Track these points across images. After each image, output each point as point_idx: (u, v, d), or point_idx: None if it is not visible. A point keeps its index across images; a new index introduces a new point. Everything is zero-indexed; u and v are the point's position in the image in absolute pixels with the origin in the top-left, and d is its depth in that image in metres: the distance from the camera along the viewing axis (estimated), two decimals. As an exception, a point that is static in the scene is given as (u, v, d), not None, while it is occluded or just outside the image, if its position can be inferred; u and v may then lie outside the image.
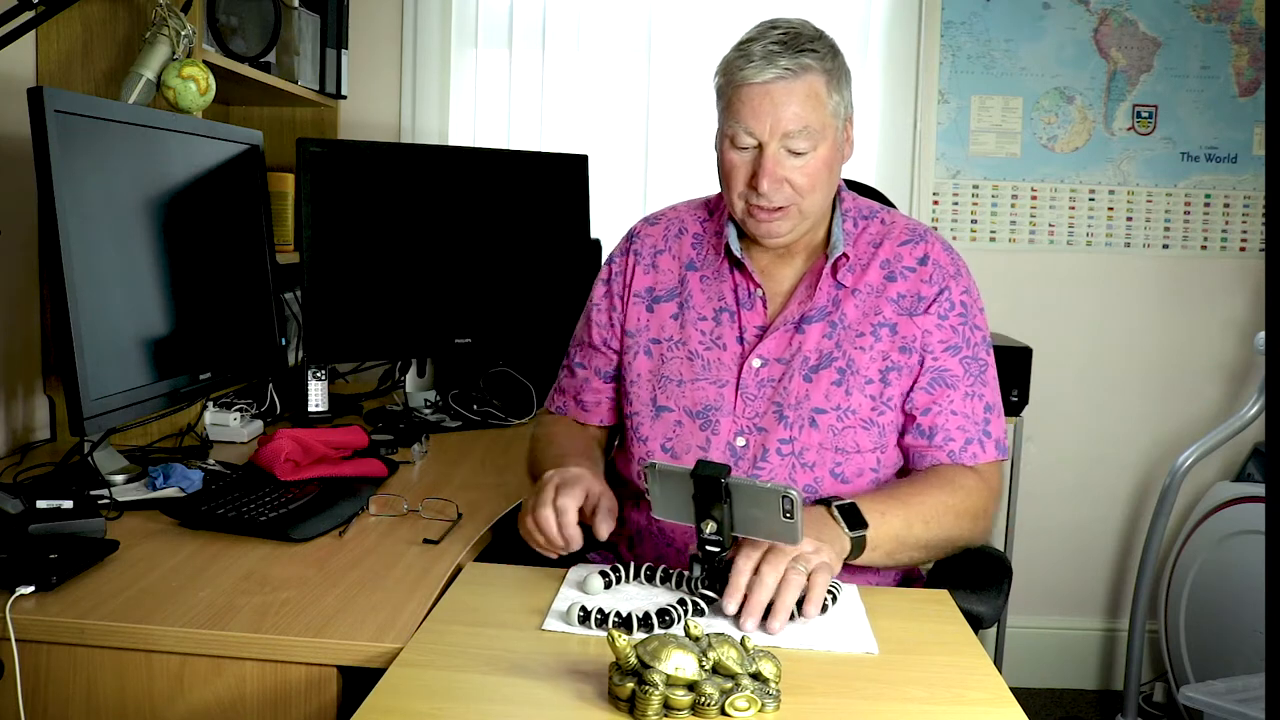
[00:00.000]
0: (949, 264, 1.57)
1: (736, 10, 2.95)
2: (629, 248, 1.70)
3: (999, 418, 1.58)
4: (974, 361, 1.56)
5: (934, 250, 1.58)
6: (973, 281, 1.60)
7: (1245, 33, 3.04)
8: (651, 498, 1.35)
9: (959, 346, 1.55)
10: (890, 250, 1.57)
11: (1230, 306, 3.14)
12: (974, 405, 1.55)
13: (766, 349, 1.56)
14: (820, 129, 1.47)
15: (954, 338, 1.55)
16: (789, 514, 1.26)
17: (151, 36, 1.97)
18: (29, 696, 1.24)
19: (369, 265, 2.34)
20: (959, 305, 1.56)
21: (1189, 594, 2.92)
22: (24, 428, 2.06)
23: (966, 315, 1.56)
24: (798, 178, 1.48)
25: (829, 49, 1.50)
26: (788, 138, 1.46)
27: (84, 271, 1.57)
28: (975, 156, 3.08)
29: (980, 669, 1.20)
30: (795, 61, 1.44)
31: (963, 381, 1.55)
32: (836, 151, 1.52)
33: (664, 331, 1.63)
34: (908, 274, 1.56)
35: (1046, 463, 3.15)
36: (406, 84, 2.98)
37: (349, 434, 1.94)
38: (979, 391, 1.56)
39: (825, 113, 1.47)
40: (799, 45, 1.46)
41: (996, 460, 1.57)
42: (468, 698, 1.09)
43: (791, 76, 1.45)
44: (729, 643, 1.08)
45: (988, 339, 1.60)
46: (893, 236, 1.59)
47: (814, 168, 1.48)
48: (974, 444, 1.55)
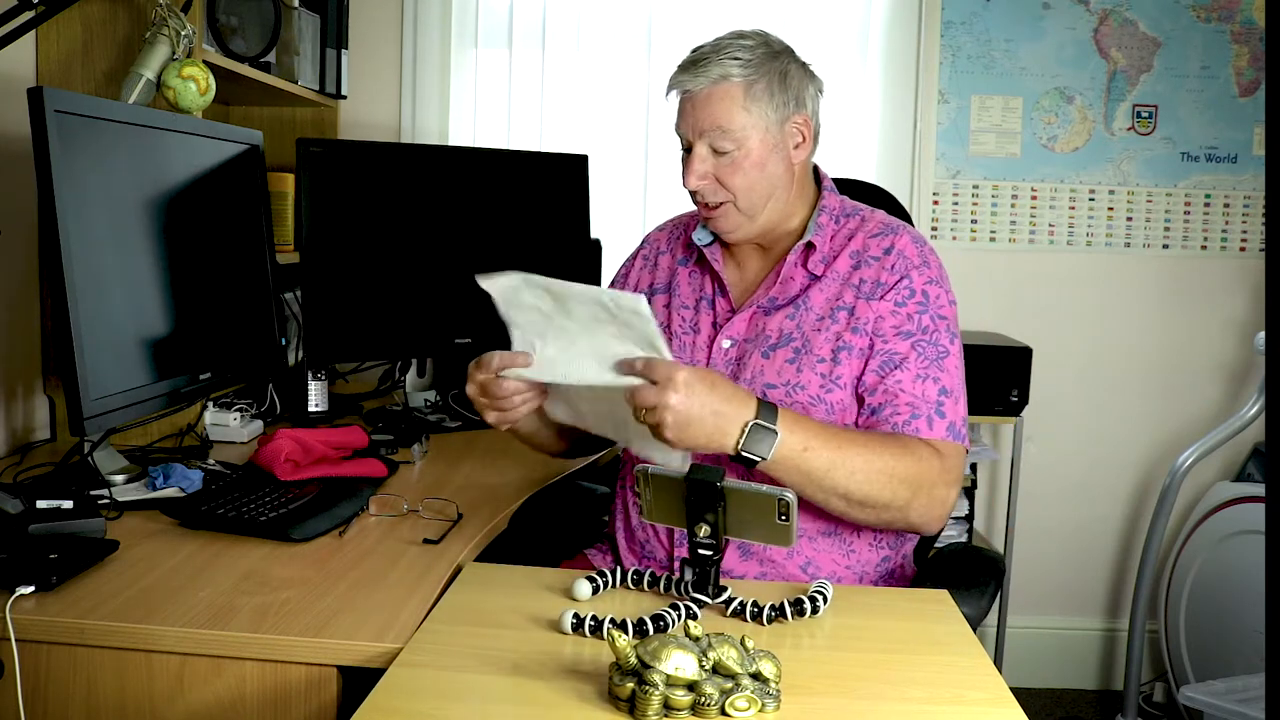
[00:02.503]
0: (915, 255, 1.60)
1: (736, 10, 2.96)
2: (639, 252, 1.84)
3: (957, 405, 1.56)
4: (930, 346, 1.56)
5: (902, 242, 1.61)
6: (943, 275, 1.62)
7: (1245, 33, 3.04)
8: (643, 502, 1.36)
9: (912, 332, 1.56)
10: (861, 241, 1.63)
11: (1230, 306, 3.14)
12: (926, 387, 1.54)
13: (734, 330, 1.64)
14: (740, 130, 1.56)
15: (908, 324, 1.56)
16: (784, 517, 1.26)
17: (151, 36, 1.97)
18: (29, 696, 1.24)
19: (369, 265, 2.34)
20: (919, 293, 1.58)
21: (1189, 594, 2.92)
22: (24, 428, 2.06)
23: (927, 304, 1.57)
24: (726, 177, 1.58)
25: (763, 56, 1.58)
26: (707, 137, 1.57)
27: (84, 271, 1.57)
28: (975, 156, 3.09)
29: (980, 669, 1.20)
30: (714, 69, 1.56)
31: (914, 364, 1.55)
32: (774, 151, 1.59)
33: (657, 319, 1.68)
34: (872, 262, 1.60)
35: (1046, 463, 3.15)
36: (406, 84, 2.99)
37: (349, 434, 1.94)
38: (934, 375, 1.55)
39: (746, 116, 1.56)
40: (719, 55, 1.57)
41: (947, 440, 1.53)
42: (468, 698, 1.09)
43: (709, 83, 1.56)
44: (729, 643, 1.08)
45: (953, 331, 1.59)
46: (866, 229, 1.64)
47: (743, 167, 1.57)
48: (920, 420, 1.53)
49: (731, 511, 1.29)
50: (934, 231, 3.09)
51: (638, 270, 1.81)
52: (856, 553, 1.59)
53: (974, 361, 2.72)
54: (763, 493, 1.26)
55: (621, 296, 1.34)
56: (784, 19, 3.00)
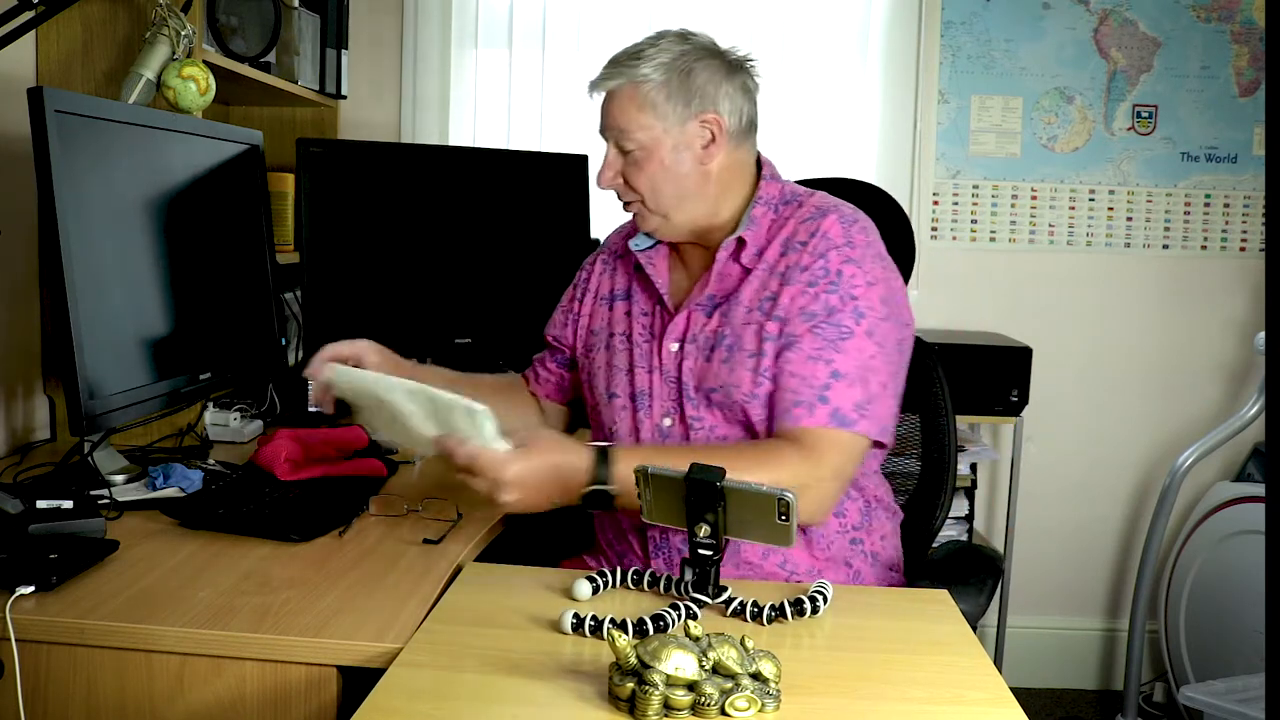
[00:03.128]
0: (839, 235, 1.55)
1: (736, 12, 2.96)
2: (597, 256, 1.84)
3: (851, 390, 1.49)
4: (831, 328, 1.51)
5: (828, 223, 1.56)
6: (869, 255, 1.55)
7: (1245, 33, 3.04)
8: (643, 502, 1.35)
9: (815, 313, 1.52)
10: (792, 228, 1.59)
11: (1230, 306, 3.14)
12: (815, 369, 1.49)
13: (676, 333, 1.63)
14: (640, 131, 1.57)
15: (814, 304, 1.52)
16: (784, 516, 1.26)
17: (151, 36, 1.97)
18: (29, 696, 1.24)
19: (369, 265, 2.34)
20: (833, 273, 1.53)
21: (1189, 594, 2.92)
22: (24, 428, 2.06)
23: (838, 284, 1.52)
24: (630, 175, 1.60)
25: (670, 56, 1.59)
26: (612, 136, 1.61)
27: (84, 271, 1.57)
28: (975, 156, 3.09)
29: (980, 669, 1.20)
30: (616, 69, 1.60)
31: (807, 345, 1.51)
32: (678, 151, 1.58)
33: (617, 326, 1.73)
34: (799, 248, 1.56)
35: (1046, 463, 3.15)
36: (406, 84, 2.99)
37: (349, 433, 1.94)
38: (826, 357, 1.50)
39: (644, 117, 1.57)
40: (629, 55, 1.60)
41: (828, 428, 1.47)
42: (468, 698, 1.09)
43: (610, 86, 1.61)
44: (729, 643, 1.08)
45: (863, 312, 1.52)
46: (800, 214, 1.60)
47: (643, 166, 1.59)
48: (802, 407, 1.48)
49: (731, 511, 1.29)
50: (934, 231, 3.09)
51: (597, 275, 1.79)
52: (827, 540, 1.59)
53: (974, 361, 2.76)
54: (763, 492, 1.26)
55: (457, 402, 1.40)
56: (784, 19, 3.00)
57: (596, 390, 1.72)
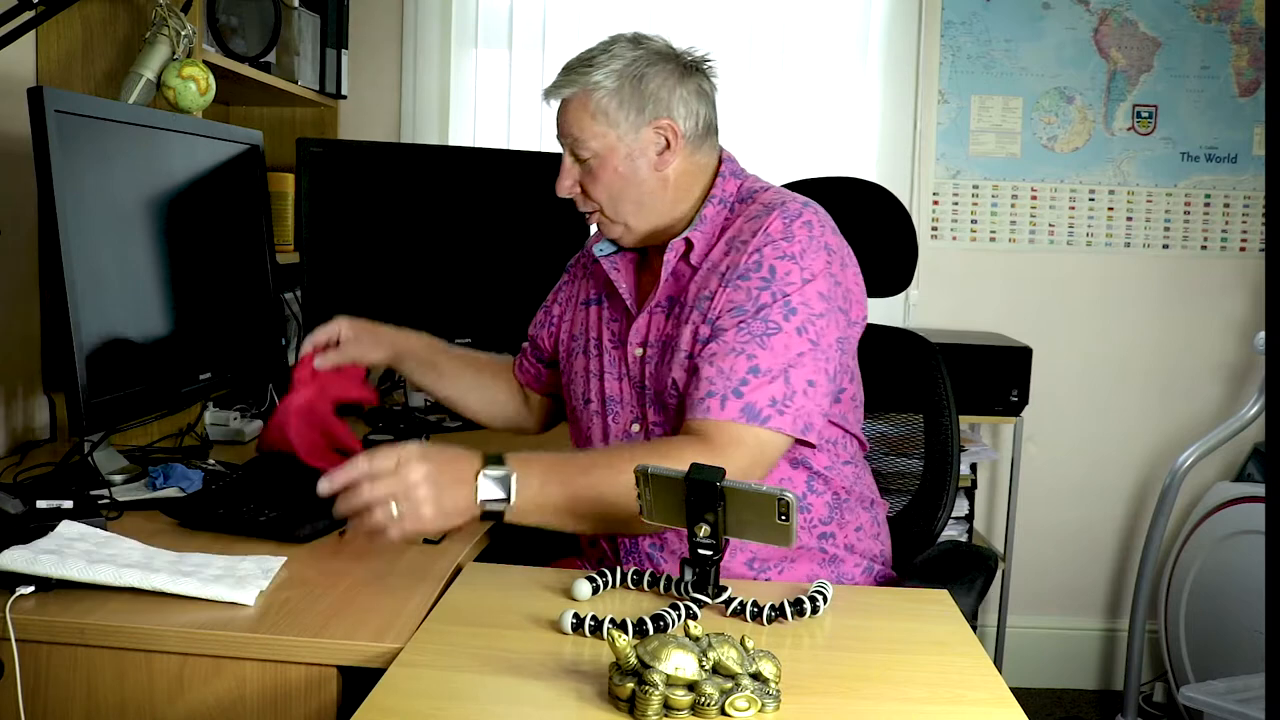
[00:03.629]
0: (779, 231, 1.50)
1: (736, 12, 2.96)
2: (579, 260, 1.82)
3: (770, 386, 1.43)
4: (757, 322, 1.46)
5: (771, 220, 1.51)
6: (809, 251, 1.49)
7: (1245, 33, 3.04)
8: (642, 502, 1.35)
9: (745, 308, 1.47)
10: (738, 226, 1.56)
11: (1230, 306, 3.14)
12: (735, 363, 1.44)
13: (639, 337, 1.61)
14: (592, 139, 1.55)
15: (745, 300, 1.48)
16: (784, 517, 1.26)
17: (151, 36, 1.97)
18: (29, 696, 1.24)
19: (369, 265, 2.34)
20: (765, 268, 1.48)
21: (1189, 594, 2.92)
22: (24, 428, 2.06)
23: (771, 280, 1.48)
24: (586, 184, 1.59)
25: (624, 63, 1.56)
26: (569, 144, 1.58)
27: (84, 271, 1.57)
28: (975, 156, 3.09)
29: (980, 669, 1.20)
30: (567, 78, 1.57)
31: (730, 338, 1.46)
32: (633, 159, 1.56)
33: (592, 331, 1.71)
34: (741, 246, 1.52)
35: (1046, 463, 3.15)
36: (406, 84, 2.99)
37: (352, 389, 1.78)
38: (749, 351, 1.44)
39: (595, 124, 1.55)
40: (581, 63, 1.57)
41: (736, 422, 1.42)
42: (468, 698, 1.09)
43: (564, 94, 1.57)
44: (729, 643, 1.08)
45: (794, 308, 1.47)
46: (748, 213, 1.56)
47: (598, 174, 1.57)
48: (714, 399, 1.43)
49: (731, 511, 1.29)
50: (934, 231, 3.09)
51: (578, 280, 1.78)
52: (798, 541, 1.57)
53: (974, 361, 2.76)
54: (763, 493, 1.26)
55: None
56: (784, 19, 3.00)
57: (575, 395, 1.72)
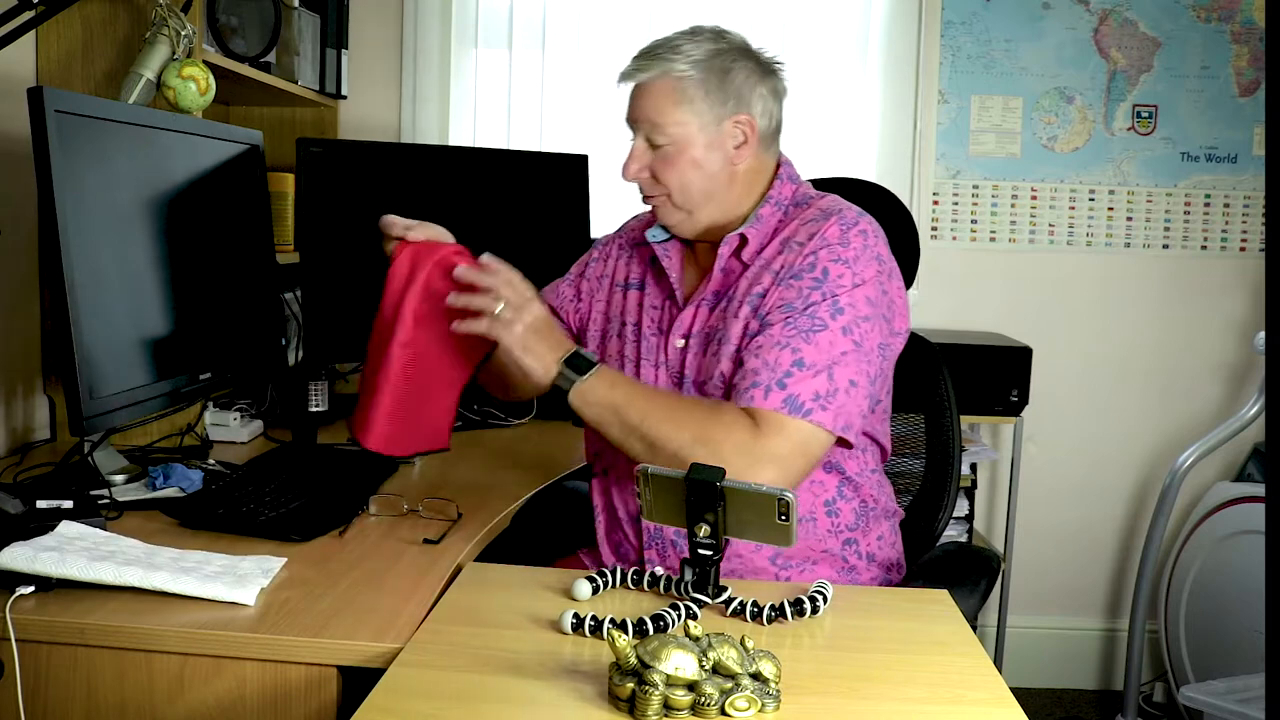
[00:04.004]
0: (835, 237, 1.53)
1: (736, 12, 2.96)
2: (615, 239, 1.83)
3: (813, 380, 1.46)
4: (805, 319, 1.49)
5: (829, 227, 1.54)
6: (862, 258, 1.53)
7: (1245, 33, 3.04)
8: (643, 502, 1.35)
9: (794, 306, 1.50)
10: (794, 228, 1.59)
11: (1230, 306, 3.14)
12: (779, 355, 1.47)
13: (682, 328, 1.63)
14: (673, 125, 1.56)
15: (795, 299, 1.51)
16: (784, 517, 1.26)
17: (151, 36, 1.97)
18: (29, 696, 1.24)
19: (369, 265, 2.33)
20: (819, 269, 1.52)
21: (1189, 594, 2.92)
22: (24, 428, 2.06)
23: (822, 281, 1.51)
24: (659, 169, 1.59)
25: (708, 53, 1.57)
26: (644, 128, 1.59)
27: (84, 271, 1.57)
28: (975, 156, 3.09)
29: (980, 669, 1.20)
30: (654, 63, 1.57)
31: (777, 332, 1.49)
32: (710, 150, 1.58)
33: (629, 315, 1.72)
34: (796, 248, 1.55)
35: (1046, 463, 3.15)
36: (406, 84, 2.99)
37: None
38: (795, 346, 1.47)
39: (680, 111, 1.56)
40: (669, 48, 1.57)
41: (778, 412, 1.44)
42: (468, 698, 1.09)
43: (648, 77, 1.58)
44: (729, 643, 1.08)
45: (841, 309, 1.50)
46: (805, 216, 1.59)
47: (674, 161, 1.58)
48: (758, 389, 1.46)
49: (731, 511, 1.29)
50: (934, 231, 3.09)
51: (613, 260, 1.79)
52: (818, 539, 1.59)
53: (974, 361, 2.76)
54: (763, 493, 1.26)
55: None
56: (784, 19, 3.00)
57: None
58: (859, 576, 1.63)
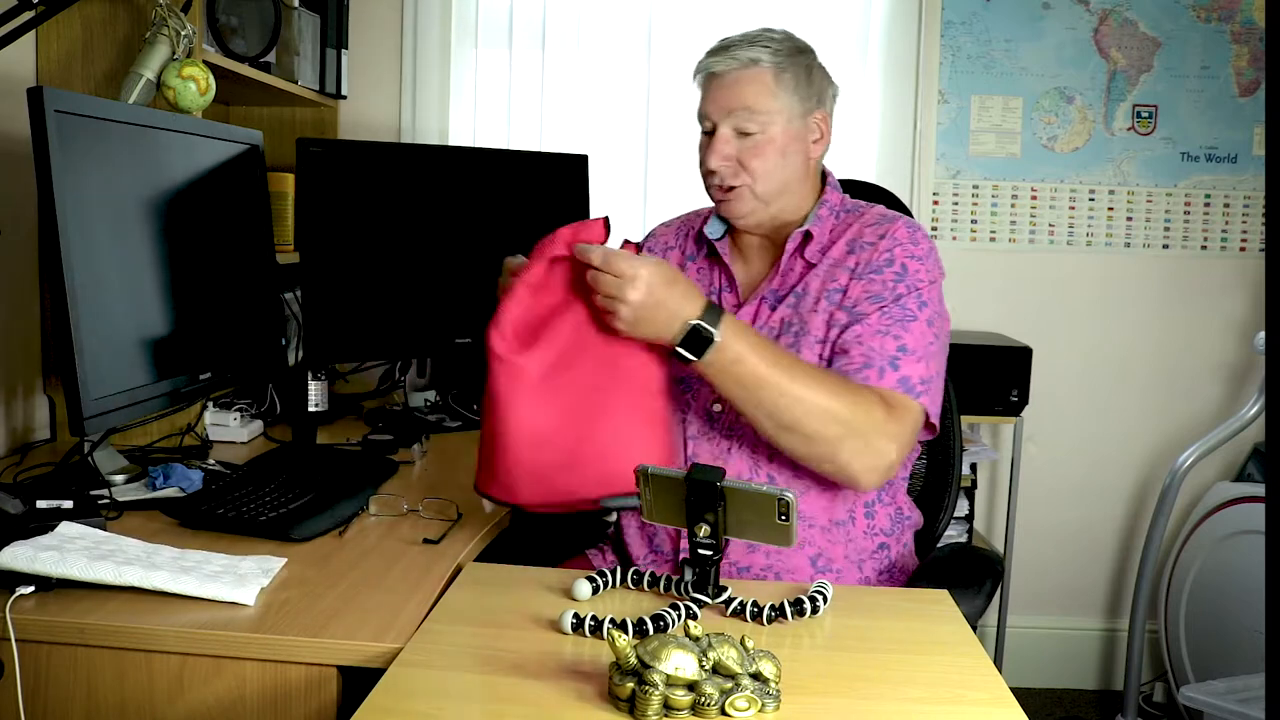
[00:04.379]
0: (905, 236, 1.62)
1: (736, 11, 2.96)
2: (643, 246, 1.84)
3: (918, 365, 1.54)
4: (898, 308, 1.56)
5: (897, 228, 1.63)
6: (931, 256, 1.63)
7: (1245, 33, 3.04)
8: (643, 502, 1.36)
9: (883, 297, 1.57)
10: (858, 230, 1.66)
11: (1230, 306, 3.14)
12: (884, 342, 1.54)
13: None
14: (767, 114, 1.60)
15: (882, 290, 1.58)
16: (784, 517, 1.26)
17: (151, 36, 1.97)
18: (29, 696, 1.24)
19: (369, 265, 2.34)
20: (898, 264, 1.59)
21: (1189, 594, 2.92)
22: (24, 428, 2.06)
23: (904, 275, 1.59)
24: (746, 157, 1.61)
25: (790, 50, 1.63)
26: (734, 118, 1.60)
27: (84, 271, 1.57)
28: (975, 156, 3.09)
29: (980, 669, 1.20)
30: (745, 53, 1.60)
31: (875, 320, 1.56)
32: (795, 141, 1.63)
33: None
34: (866, 246, 1.63)
35: (1046, 463, 3.15)
36: (406, 84, 2.98)
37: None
38: (895, 333, 1.55)
39: (774, 102, 1.60)
40: (753, 41, 1.62)
41: (897, 392, 1.52)
42: (468, 698, 1.09)
43: (739, 66, 1.61)
44: (729, 643, 1.08)
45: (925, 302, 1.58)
46: (865, 220, 1.67)
47: (764, 151, 1.61)
48: (872, 370, 1.52)
49: (731, 511, 1.29)
50: (934, 231, 3.09)
51: (660, 252, 1.81)
52: (853, 541, 1.60)
53: (974, 361, 2.76)
54: (763, 492, 1.26)
55: None
56: (784, 20, 2.99)
57: None
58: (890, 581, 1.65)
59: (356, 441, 2.19)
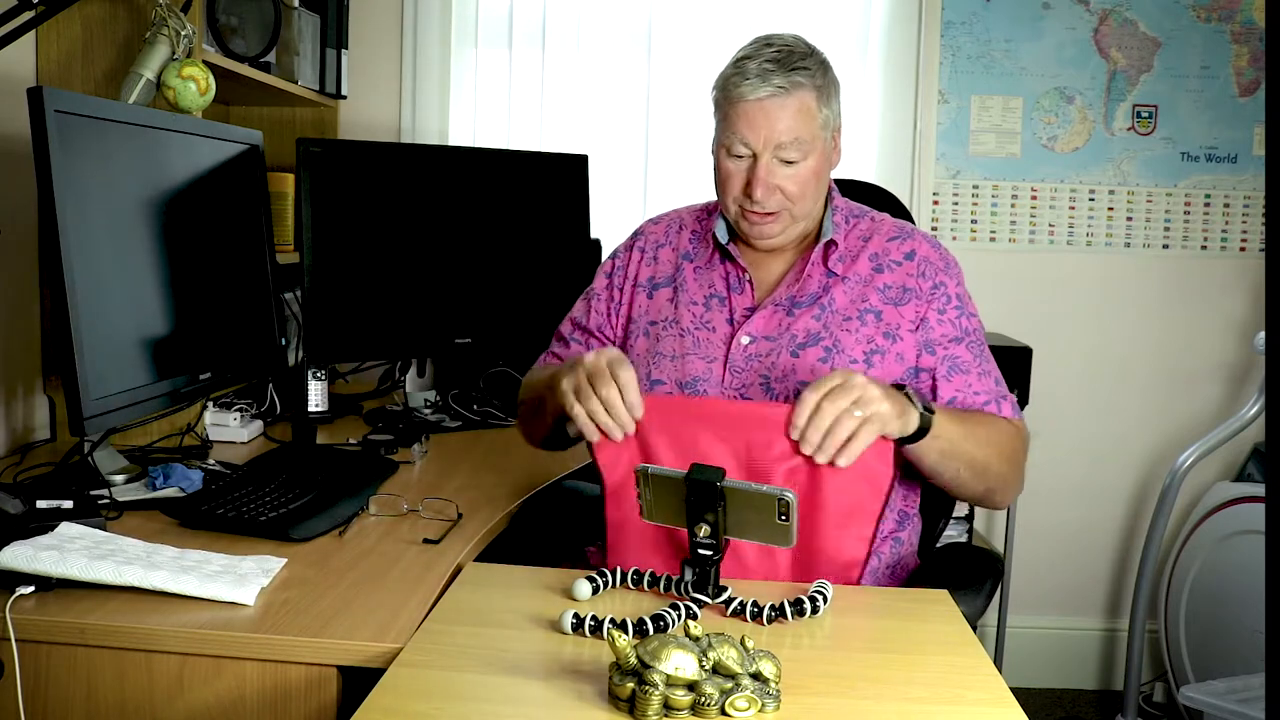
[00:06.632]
0: (938, 259, 1.66)
1: (736, 11, 2.96)
2: (633, 244, 1.81)
3: (1004, 383, 1.69)
4: (978, 345, 1.66)
5: (920, 246, 1.67)
6: (962, 273, 1.70)
7: (1245, 33, 3.04)
8: (642, 501, 1.36)
9: (961, 337, 1.64)
10: (879, 244, 1.67)
11: (1230, 306, 3.14)
12: (986, 381, 1.65)
13: (754, 327, 1.66)
14: (810, 140, 1.58)
15: (955, 330, 1.64)
16: (784, 516, 1.26)
17: (151, 36, 1.97)
18: (29, 696, 1.24)
19: (369, 265, 2.34)
20: (954, 299, 1.66)
21: (1189, 594, 2.92)
22: (24, 428, 2.06)
23: (963, 307, 1.66)
24: (789, 185, 1.60)
25: (820, 65, 1.61)
26: (780, 149, 1.57)
27: (84, 271, 1.57)
28: (975, 156, 3.08)
29: (980, 669, 1.20)
30: (788, 79, 1.56)
31: (973, 365, 1.65)
32: (825, 160, 1.64)
33: (660, 314, 1.73)
34: (894, 267, 1.65)
35: (1046, 463, 3.14)
36: (406, 84, 2.98)
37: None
38: (988, 369, 1.66)
39: (815, 126, 1.59)
40: (791, 64, 1.57)
41: (1016, 420, 1.66)
42: (468, 698, 1.09)
43: (784, 94, 1.56)
44: (729, 643, 1.08)
45: (982, 324, 1.70)
46: (881, 232, 1.69)
47: (804, 176, 1.60)
48: (992, 404, 1.64)
49: (731, 511, 1.29)
50: (934, 231, 3.09)
51: (635, 263, 1.78)
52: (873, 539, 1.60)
53: (974, 361, 2.75)
54: (763, 492, 1.26)
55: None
56: (784, 20, 3.00)
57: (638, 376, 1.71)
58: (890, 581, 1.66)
59: (356, 441, 2.19)
